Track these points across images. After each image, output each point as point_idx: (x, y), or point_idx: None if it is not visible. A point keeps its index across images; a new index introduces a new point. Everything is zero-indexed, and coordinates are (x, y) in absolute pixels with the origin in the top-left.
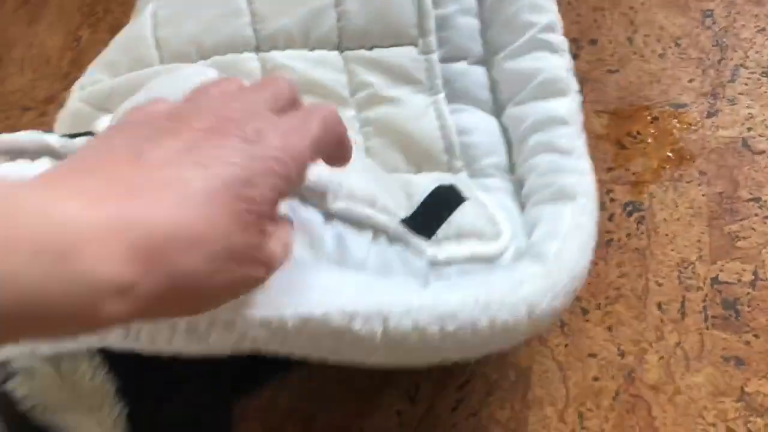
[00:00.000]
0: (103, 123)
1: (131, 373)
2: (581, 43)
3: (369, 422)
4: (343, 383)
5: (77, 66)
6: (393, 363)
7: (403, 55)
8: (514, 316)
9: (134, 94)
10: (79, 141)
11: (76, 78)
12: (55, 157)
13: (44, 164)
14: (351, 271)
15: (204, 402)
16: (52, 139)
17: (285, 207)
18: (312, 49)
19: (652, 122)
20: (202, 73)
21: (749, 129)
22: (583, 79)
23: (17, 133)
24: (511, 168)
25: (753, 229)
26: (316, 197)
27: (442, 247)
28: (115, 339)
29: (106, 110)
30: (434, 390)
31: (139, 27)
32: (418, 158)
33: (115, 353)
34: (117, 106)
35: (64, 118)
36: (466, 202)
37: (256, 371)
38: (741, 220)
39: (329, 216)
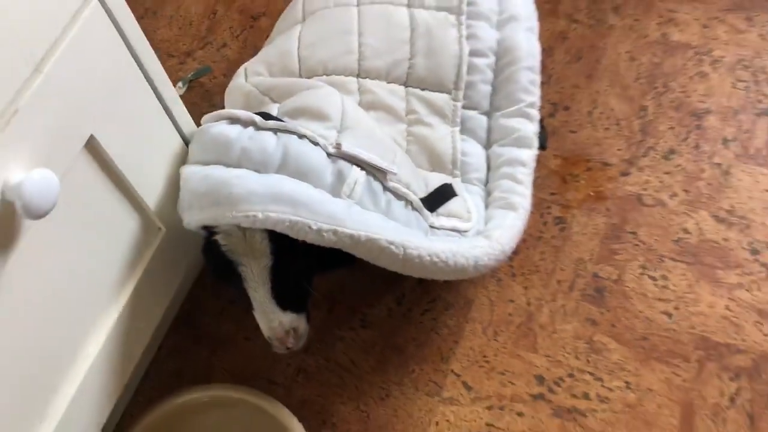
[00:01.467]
0: (272, 109)
1: (279, 243)
2: (558, 107)
3: (370, 311)
4: (359, 284)
5: (212, 32)
6: (401, 270)
7: (441, 99)
8: (467, 263)
9: (287, 96)
10: (272, 122)
11: (209, 42)
12: (257, 128)
13: (250, 131)
14: (392, 221)
15: (307, 268)
16: (257, 118)
17: (364, 179)
18: (389, 82)
19: (587, 170)
20: (329, 93)
21: (644, 189)
22: (552, 132)
23: (237, 111)
24: (486, 182)
25: (626, 250)
26: (381, 177)
27: (438, 218)
28: (279, 227)
29: (269, 96)
30: (413, 300)
31: (289, 44)
32: (434, 163)
33: (274, 232)
34: (276, 96)
35: (237, 93)
36: (456, 197)
37: (332, 258)
38: (621, 243)
39: (385, 189)
